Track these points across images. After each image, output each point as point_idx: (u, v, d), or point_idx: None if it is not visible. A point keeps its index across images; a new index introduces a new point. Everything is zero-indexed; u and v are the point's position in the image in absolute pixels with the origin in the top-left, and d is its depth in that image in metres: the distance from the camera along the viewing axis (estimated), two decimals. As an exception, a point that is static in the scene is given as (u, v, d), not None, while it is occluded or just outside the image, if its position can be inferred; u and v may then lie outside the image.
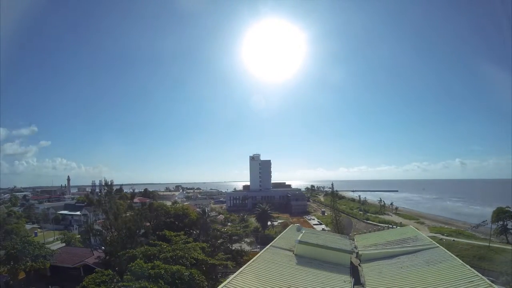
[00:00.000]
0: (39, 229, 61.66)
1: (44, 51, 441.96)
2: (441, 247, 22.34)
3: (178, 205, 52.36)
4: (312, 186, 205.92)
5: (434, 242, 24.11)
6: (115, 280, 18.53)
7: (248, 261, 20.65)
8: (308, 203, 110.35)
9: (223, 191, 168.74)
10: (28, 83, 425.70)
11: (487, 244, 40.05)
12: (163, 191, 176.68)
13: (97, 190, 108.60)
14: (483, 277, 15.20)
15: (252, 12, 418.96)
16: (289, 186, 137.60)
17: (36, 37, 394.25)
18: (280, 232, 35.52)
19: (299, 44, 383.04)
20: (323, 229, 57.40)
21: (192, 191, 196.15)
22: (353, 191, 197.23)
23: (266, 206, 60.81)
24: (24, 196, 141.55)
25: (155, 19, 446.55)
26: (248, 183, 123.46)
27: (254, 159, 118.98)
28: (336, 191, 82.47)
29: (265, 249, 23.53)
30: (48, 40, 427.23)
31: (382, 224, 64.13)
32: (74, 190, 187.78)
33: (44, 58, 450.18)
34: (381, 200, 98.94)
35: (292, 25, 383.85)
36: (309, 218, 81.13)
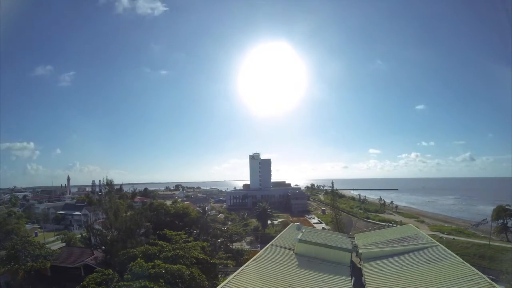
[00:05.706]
0: (39, 229, 61.67)
1: (39, 48, 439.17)
2: (441, 245, 22.28)
3: (178, 204, 52.41)
4: (312, 184, 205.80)
5: (435, 241, 24.04)
6: (115, 279, 18.52)
7: (248, 260, 20.64)
8: (308, 202, 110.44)
9: (223, 190, 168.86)
10: (25, 81, 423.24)
11: (487, 242, 40.15)
12: (163, 191, 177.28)
13: (98, 189, 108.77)
14: (483, 275, 15.15)
15: (253, 11, 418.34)
16: (289, 185, 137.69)
17: (29, 35, 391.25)
18: (280, 231, 35.50)
19: (300, 39, 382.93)
20: (323, 228, 57.46)
21: (192, 190, 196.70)
22: (353, 189, 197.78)
23: (266, 205, 60.93)
24: (24, 196, 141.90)
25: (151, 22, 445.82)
26: (248, 182, 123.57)
27: (254, 158, 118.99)
28: (336, 189, 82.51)
29: (265, 248, 23.49)
30: (43, 39, 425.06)
31: (382, 223, 64.26)
32: (74, 190, 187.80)
33: (41, 56, 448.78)
34: (381, 199, 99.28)
35: (292, 25, 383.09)
36: (309, 217, 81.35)
